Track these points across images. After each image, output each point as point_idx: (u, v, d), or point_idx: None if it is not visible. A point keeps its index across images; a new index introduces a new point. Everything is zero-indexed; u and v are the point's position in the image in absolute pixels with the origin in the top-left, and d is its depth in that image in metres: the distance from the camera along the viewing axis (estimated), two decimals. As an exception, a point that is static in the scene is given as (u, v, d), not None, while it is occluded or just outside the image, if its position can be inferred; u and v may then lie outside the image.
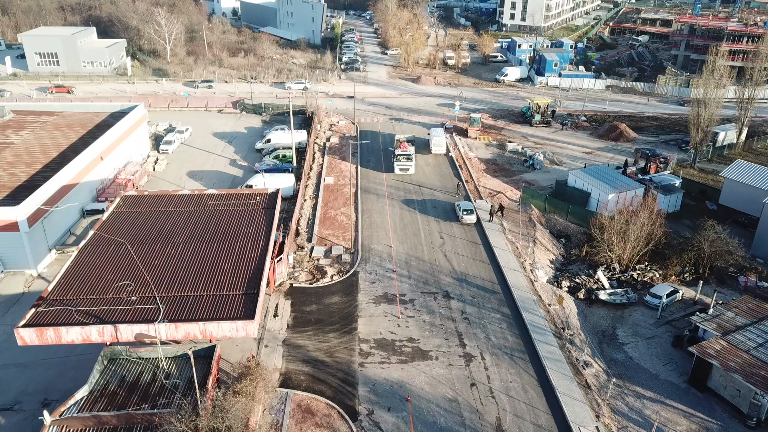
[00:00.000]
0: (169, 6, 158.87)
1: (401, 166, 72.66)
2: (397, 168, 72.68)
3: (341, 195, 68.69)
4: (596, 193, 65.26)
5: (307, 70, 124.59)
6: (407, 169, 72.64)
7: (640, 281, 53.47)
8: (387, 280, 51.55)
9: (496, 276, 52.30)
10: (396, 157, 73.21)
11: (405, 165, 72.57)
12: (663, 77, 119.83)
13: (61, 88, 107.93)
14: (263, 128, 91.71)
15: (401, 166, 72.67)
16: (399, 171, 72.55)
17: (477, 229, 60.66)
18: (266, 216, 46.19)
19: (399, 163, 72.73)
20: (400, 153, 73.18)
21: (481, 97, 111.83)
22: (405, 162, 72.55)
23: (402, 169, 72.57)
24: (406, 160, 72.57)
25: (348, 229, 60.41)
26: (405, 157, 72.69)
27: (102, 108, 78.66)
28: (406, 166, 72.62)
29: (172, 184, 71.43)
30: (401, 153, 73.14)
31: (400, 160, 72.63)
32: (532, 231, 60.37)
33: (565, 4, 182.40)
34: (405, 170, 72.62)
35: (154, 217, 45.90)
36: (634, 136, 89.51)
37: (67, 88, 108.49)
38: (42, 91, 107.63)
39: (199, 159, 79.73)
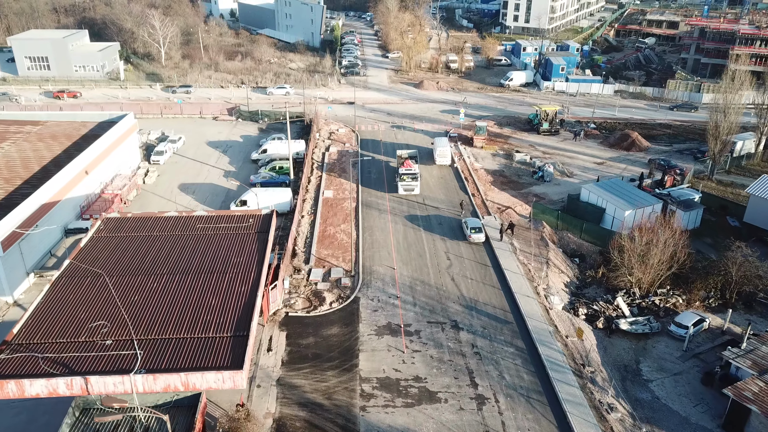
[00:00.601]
0: (165, 8, 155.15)
1: (406, 186, 67.43)
2: (401, 188, 67.43)
3: (341, 210, 64.91)
4: (612, 209, 61.47)
5: (306, 75, 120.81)
6: (412, 189, 67.34)
7: (662, 308, 49.71)
8: (390, 307, 47.76)
9: (508, 303, 48.50)
10: (400, 176, 68.11)
11: (410, 185, 67.36)
12: (673, 82, 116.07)
13: (69, 93, 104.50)
14: (260, 137, 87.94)
15: (406, 186, 67.44)
16: (403, 191, 67.36)
17: (486, 249, 56.87)
18: (259, 243, 42.41)
19: (403, 183, 67.52)
20: (405, 172, 68.28)
21: (485, 102, 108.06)
22: (410, 182, 67.40)
23: (407, 189, 67.35)
24: (411, 179, 67.45)
25: (348, 249, 56.63)
26: (410, 176, 67.65)
27: (90, 117, 74.80)
28: (411, 186, 67.38)
29: (162, 199, 67.67)
30: (405, 172, 68.25)
31: (404, 180, 67.55)
32: (544, 251, 56.59)
33: (570, 6, 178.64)
34: (410, 190, 67.37)
35: (137, 243, 42.13)
36: (647, 145, 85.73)
37: (74, 93, 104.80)
38: (47, 96, 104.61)
39: (191, 170, 75.94)
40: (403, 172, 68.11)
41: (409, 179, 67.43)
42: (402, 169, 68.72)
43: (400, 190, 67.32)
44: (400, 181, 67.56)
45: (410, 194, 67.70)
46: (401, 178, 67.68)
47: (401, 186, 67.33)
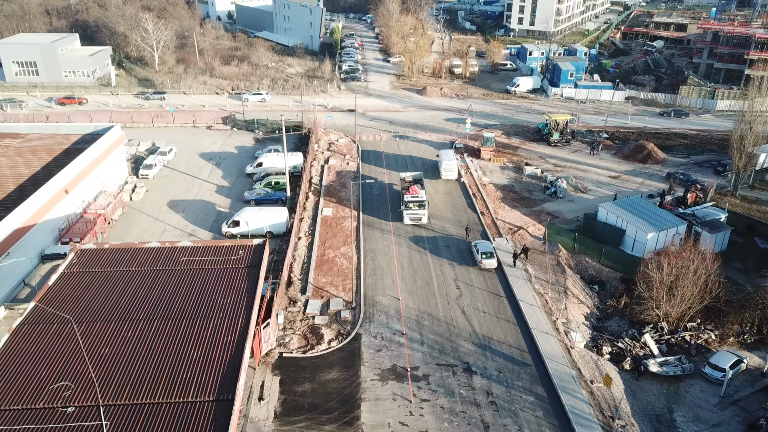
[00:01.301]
0: (159, 10, 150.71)
1: (412, 215, 61.21)
2: (407, 217, 61.14)
3: (341, 230, 60.46)
4: (632, 231, 57.04)
5: (304, 80, 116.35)
6: (419, 218, 61.18)
7: (693, 344, 45.30)
8: (395, 346, 43.32)
9: (525, 341, 44.04)
10: (405, 204, 61.91)
11: (416, 214, 61.24)
12: (686, 88, 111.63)
13: (71, 99, 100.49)
14: (255, 148, 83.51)
15: (412, 215, 61.22)
16: (409, 221, 61.16)
17: (498, 276, 52.41)
18: (249, 280, 37.99)
19: (409, 212, 61.24)
20: (411, 200, 61.77)
21: (491, 110, 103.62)
22: (416, 210, 61.21)
23: (413, 218, 61.18)
24: (418, 207, 61.32)
25: (348, 276, 52.17)
26: (417, 204, 61.52)
27: (73, 129, 70.38)
28: (418, 215, 61.27)
29: (150, 218, 63.23)
30: (412, 200, 61.81)
31: (410, 208, 61.48)
32: (561, 278, 52.15)
33: (576, 8, 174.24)
34: (416, 220, 61.26)
35: (112, 281, 37.73)
36: (663, 157, 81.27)
37: (79, 99, 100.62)
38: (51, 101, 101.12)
39: (182, 185, 71.51)
40: (409, 200, 61.69)
41: (415, 207, 61.10)
42: (407, 196, 62.29)
43: (405, 220, 61.14)
44: (406, 210, 61.16)
45: (417, 223, 61.50)
46: (407, 206, 61.37)
47: (407, 215, 61.13)
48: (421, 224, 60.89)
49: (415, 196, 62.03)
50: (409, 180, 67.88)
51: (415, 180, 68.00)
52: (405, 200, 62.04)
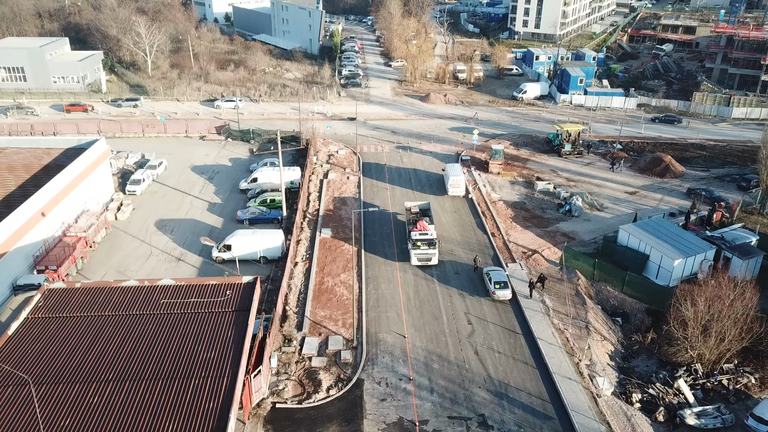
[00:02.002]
0: (154, 13, 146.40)
1: (421, 256, 53.17)
2: (414, 258, 53.20)
3: (341, 254, 55.99)
4: (657, 257, 52.59)
5: (303, 86, 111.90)
6: (429, 259, 53.15)
7: (731, 390, 40.87)
8: (402, 394, 38.85)
9: (546, 387, 39.59)
10: (413, 242, 53.48)
11: (426, 254, 53.10)
12: (699, 94, 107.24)
13: (77, 107, 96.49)
14: (250, 160, 79.05)
15: (421, 255, 53.17)
16: (417, 262, 53.30)
17: (513, 309, 47.95)
18: (236, 329, 33.54)
19: (418, 251, 53.21)
20: (419, 238, 53.49)
21: (498, 118, 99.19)
22: (426, 250, 53.01)
23: (422, 259, 53.20)
24: (428, 246, 53.06)
25: (349, 308, 47.71)
26: (426, 242, 53.17)
27: (55, 143, 65.89)
28: (428, 255, 53.11)
29: (135, 240, 58.77)
30: (420, 237, 53.52)
31: (418, 247, 53.10)
32: (581, 310, 47.70)
33: (582, 10, 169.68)
34: (426, 261, 53.23)
35: (82, 330, 33.30)
36: (682, 171, 76.82)
37: (84, 106, 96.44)
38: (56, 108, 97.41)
39: (172, 202, 67.06)
40: (417, 238, 53.54)
41: (424, 246, 53.19)
42: (415, 233, 54.16)
43: (413, 260, 53.27)
44: (413, 249, 53.37)
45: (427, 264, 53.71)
46: (414, 244, 53.38)
47: (415, 255, 53.25)
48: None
49: (423, 233, 53.94)
50: (415, 211, 60.96)
51: (422, 210, 61.29)
52: (412, 238, 53.86)
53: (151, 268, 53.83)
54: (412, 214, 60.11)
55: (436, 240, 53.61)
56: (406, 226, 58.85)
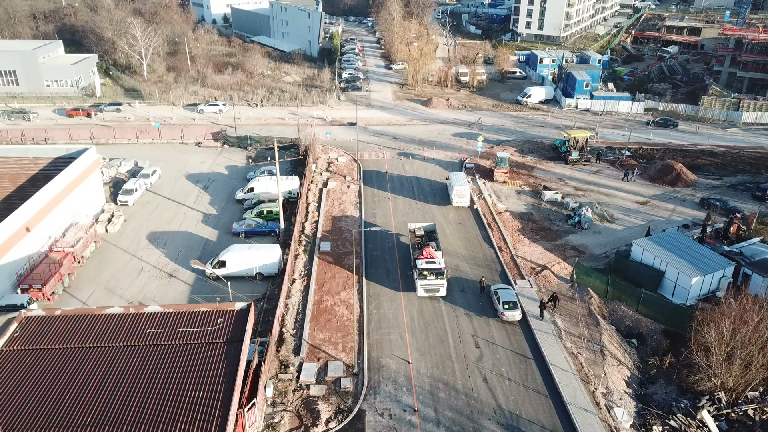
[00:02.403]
0: (151, 14, 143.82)
1: (428, 287, 48.05)
2: (420, 288, 48.10)
3: (341, 270, 53.42)
4: (673, 274, 50.04)
5: (302, 90, 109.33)
6: (437, 290, 48.08)
7: (758, 421, 38.31)
8: (406, 427, 36.29)
9: (561, 420, 37.03)
10: (419, 272, 48.20)
11: (433, 285, 47.98)
12: (708, 98, 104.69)
13: (80, 111, 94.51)
14: (247, 168, 76.40)
15: (428, 286, 48.03)
16: (424, 293, 48.29)
17: (523, 331, 45.37)
18: (228, 362, 30.99)
19: (424, 282, 47.94)
20: (426, 267, 48.24)
21: (502, 123, 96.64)
22: (433, 280, 47.84)
23: (429, 290, 48.13)
24: (435, 276, 47.81)
25: (349, 330, 45.11)
26: (433, 272, 47.92)
27: (43, 152, 63.26)
28: (435, 286, 47.98)
29: (126, 254, 56.21)
30: (427, 267, 48.26)
31: (424, 276, 47.81)
32: (595, 332, 45.13)
33: (585, 12, 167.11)
34: (433, 292, 48.21)
35: (59, 365, 30.76)
36: (694, 179, 74.25)
37: (87, 111, 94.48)
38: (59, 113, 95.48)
39: (165, 213, 64.51)
40: (424, 267, 48.28)
41: (431, 277, 47.88)
42: (421, 262, 48.97)
43: (419, 291, 48.21)
44: (420, 279, 48.06)
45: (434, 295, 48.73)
46: (420, 274, 47.97)
47: (421, 286, 48.14)
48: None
49: (430, 262, 48.97)
50: (420, 234, 56.36)
51: (427, 232, 56.65)
52: (418, 267, 48.67)
53: (142, 285, 51.30)
54: (417, 237, 55.87)
55: (444, 269, 48.55)
56: (410, 249, 54.50)
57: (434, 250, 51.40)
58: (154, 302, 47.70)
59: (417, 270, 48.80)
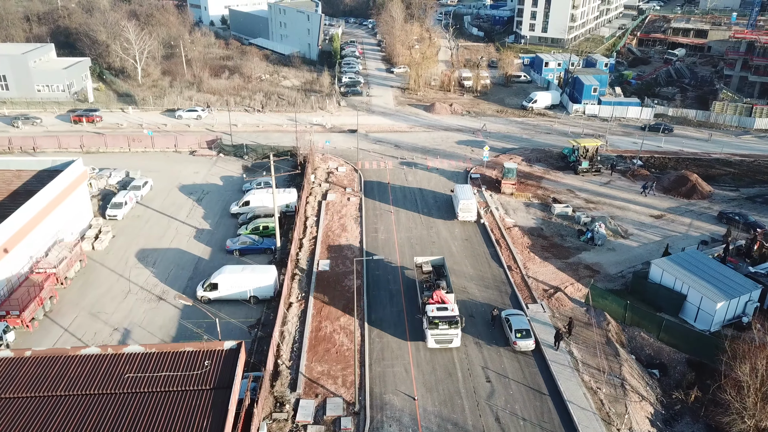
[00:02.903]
0: (146, 17, 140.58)
1: (439, 338, 42.08)
2: (431, 339, 42.11)
3: (340, 292, 50.22)
4: (695, 298, 46.81)
5: (301, 95, 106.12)
6: (450, 341, 42.14)
7: (796, 467, 35.10)
8: (412, 476, 33.09)
9: (582, 468, 33.80)
10: (429, 320, 42.21)
11: (446, 335, 42.02)
12: (719, 104, 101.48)
13: (84, 116, 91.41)
14: (243, 178, 73.09)
15: (439, 336, 42.05)
16: (435, 345, 42.32)
17: (537, 363, 42.14)
18: (214, 414, 27.73)
19: (435, 333, 42.02)
20: (438, 315, 42.16)
21: (507, 130, 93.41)
22: (446, 330, 41.89)
23: (441, 341, 42.16)
24: (449, 326, 41.82)
25: (350, 361, 41.91)
26: (445, 321, 41.89)
27: (27, 164, 60.20)
28: (448, 336, 42.02)
29: (114, 274, 53.01)
30: (439, 315, 42.16)
31: (436, 326, 41.83)
32: (615, 364, 41.93)
33: (590, 13, 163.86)
34: (446, 343, 42.26)
35: (28, 416, 27.47)
36: (710, 190, 71.07)
37: (92, 117, 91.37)
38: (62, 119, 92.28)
39: (156, 228, 61.29)
40: (435, 315, 42.18)
41: (444, 326, 41.87)
42: (431, 308, 42.83)
43: (429, 342, 42.18)
44: (430, 328, 41.96)
45: (447, 346, 42.77)
46: (431, 322, 41.97)
47: (432, 336, 42.07)
48: None
49: (442, 308, 42.88)
50: (428, 270, 50.64)
51: (435, 267, 50.87)
52: (429, 315, 42.36)
53: (128, 309, 48.11)
54: (425, 274, 50.45)
55: (459, 317, 42.47)
56: (417, 289, 48.27)
57: (445, 292, 45.52)
58: (136, 339, 44.59)
59: (427, 318, 42.67)
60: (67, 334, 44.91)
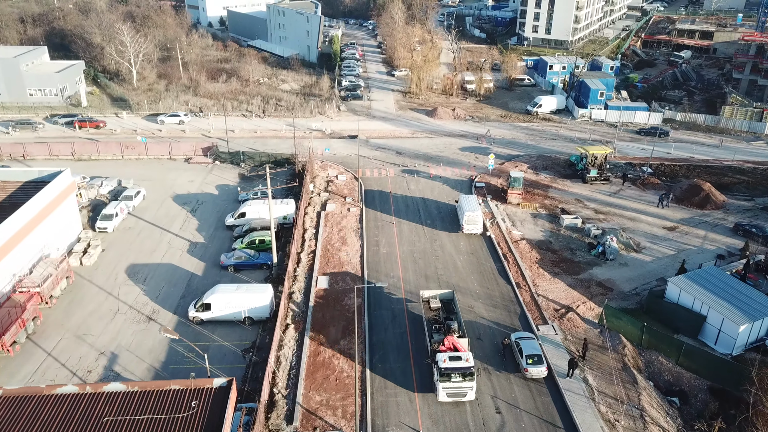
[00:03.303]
0: (143, 18, 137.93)
1: (452, 391, 37.20)
2: (442, 392, 37.20)
3: (340, 312, 47.64)
4: (716, 319, 44.24)
5: (300, 99, 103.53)
6: (464, 394, 37.27)
7: None
8: None
9: None
10: (440, 371, 37.04)
11: (459, 389, 37.12)
12: (729, 108, 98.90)
13: (90, 122, 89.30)
14: (239, 187, 70.48)
15: (452, 390, 37.17)
16: (447, 398, 37.42)
17: (550, 391, 39.54)
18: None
19: (448, 386, 37.08)
20: (450, 366, 37.00)
21: (512, 135, 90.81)
22: (459, 383, 36.88)
23: (453, 395, 37.28)
24: (463, 378, 36.85)
25: (350, 390, 39.33)
26: (459, 372, 36.90)
27: (12, 175, 57.60)
28: (462, 389, 37.13)
29: (102, 292, 50.44)
30: (451, 366, 37.05)
31: (448, 378, 36.79)
32: (632, 392, 39.35)
33: (593, 15, 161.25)
34: (459, 397, 37.41)
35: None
36: (723, 200, 68.48)
37: (97, 122, 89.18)
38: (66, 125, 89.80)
39: (148, 242, 58.69)
40: (447, 367, 36.96)
41: (458, 378, 36.82)
42: (443, 358, 37.58)
43: (440, 395, 37.28)
44: (442, 380, 36.98)
45: (460, 401, 37.96)
46: (442, 374, 36.86)
47: (443, 389, 37.19)
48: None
49: (455, 357, 37.68)
50: (436, 306, 45.27)
51: (444, 302, 45.69)
52: (440, 366, 37.19)
53: (116, 330, 45.54)
54: (433, 311, 45.11)
55: (474, 368, 37.21)
56: (425, 327, 43.10)
57: (457, 336, 40.65)
58: (123, 364, 42.07)
59: (438, 369, 37.43)
60: (50, 359, 42.37)
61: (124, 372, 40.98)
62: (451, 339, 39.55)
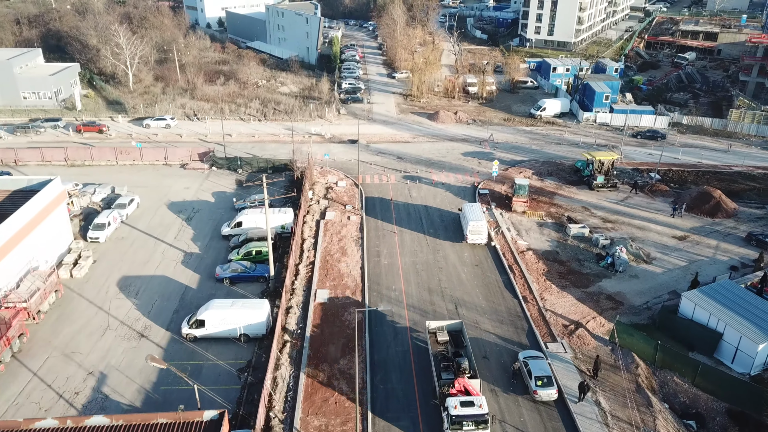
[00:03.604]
0: (140, 19, 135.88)
1: None
2: None
3: (340, 328, 45.68)
4: (733, 337, 42.29)
5: (299, 102, 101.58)
6: None
7: None
8: None
9: None
10: (451, 420, 33.98)
11: None
12: (736, 111, 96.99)
13: (92, 126, 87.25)
14: (236, 194, 68.58)
15: None
16: None
17: (561, 415, 37.56)
18: None
19: None
20: (462, 412, 34.02)
21: (515, 139, 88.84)
22: (472, 431, 34.03)
23: None
24: (475, 426, 33.87)
25: (351, 414, 37.38)
26: (471, 420, 33.92)
27: (0, 184, 55.57)
28: None
29: (92, 306, 48.47)
30: (463, 412, 34.07)
31: (459, 427, 33.86)
32: (647, 416, 37.40)
33: (596, 16, 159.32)
34: None
35: None
36: (734, 208, 66.56)
37: (99, 126, 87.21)
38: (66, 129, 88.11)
39: (141, 252, 56.70)
40: (459, 414, 33.95)
41: (470, 427, 33.85)
42: (453, 404, 34.40)
43: None
44: (452, 429, 33.90)
45: None
46: (453, 422, 33.84)
47: None
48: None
49: (467, 403, 34.56)
50: (444, 339, 41.73)
51: (452, 333, 42.26)
52: (451, 413, 34.13)
53: (106, 348, 43.56)
54: (440, 345, 41.57)
55: (488, 416, 34.19)
56: (431, 364, 39.89)
57: (468, 376, 37.45)
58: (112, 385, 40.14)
59: (448, 416, 34.26)
60: (36, 379, 40.39)
61: (113, 394, 39.03)
62: (462, 381, 36.44)
